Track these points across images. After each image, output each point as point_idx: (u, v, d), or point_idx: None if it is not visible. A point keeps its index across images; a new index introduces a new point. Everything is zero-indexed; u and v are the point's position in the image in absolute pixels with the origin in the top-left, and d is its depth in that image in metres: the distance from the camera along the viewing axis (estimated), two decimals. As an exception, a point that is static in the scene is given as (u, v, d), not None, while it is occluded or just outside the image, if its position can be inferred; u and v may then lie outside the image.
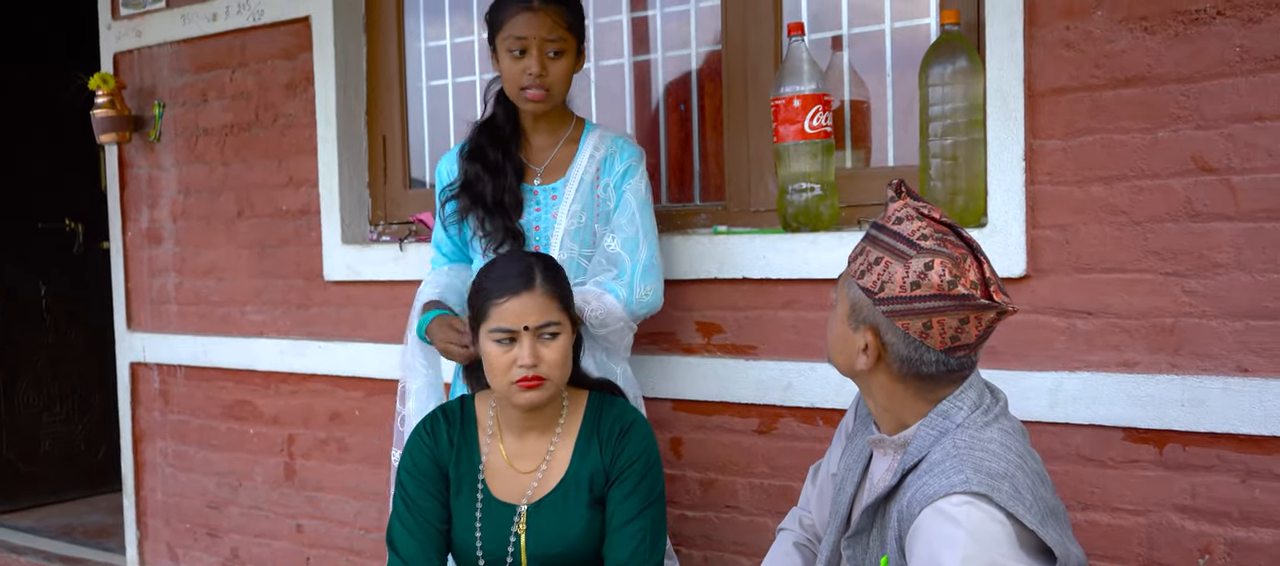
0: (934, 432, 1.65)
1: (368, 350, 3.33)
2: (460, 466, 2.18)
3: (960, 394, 1.67)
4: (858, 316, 1.67)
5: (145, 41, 3.83)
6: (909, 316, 1.60)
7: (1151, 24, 2.15)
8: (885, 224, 1.66)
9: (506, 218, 2.45)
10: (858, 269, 1.67)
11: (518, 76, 2.42)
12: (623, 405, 2.22)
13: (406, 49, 3.38)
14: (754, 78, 2.71)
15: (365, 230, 3.42)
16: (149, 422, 4.02)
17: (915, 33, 2.59)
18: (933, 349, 1.61)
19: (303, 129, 3.45)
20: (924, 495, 1.57)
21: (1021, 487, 1.57)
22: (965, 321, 1.59)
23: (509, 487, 2.16)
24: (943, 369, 1.63)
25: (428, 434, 2.21)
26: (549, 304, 2.08)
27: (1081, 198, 2.23)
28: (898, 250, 1.62)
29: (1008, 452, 1.61)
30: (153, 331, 3.95)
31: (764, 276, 2.59)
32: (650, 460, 2.15)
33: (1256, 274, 2.08)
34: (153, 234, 3.92)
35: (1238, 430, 2.10)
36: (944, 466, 1.58)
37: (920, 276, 1.58)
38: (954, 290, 1.57)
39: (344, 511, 3.48)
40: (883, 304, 1.62)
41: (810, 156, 2.48)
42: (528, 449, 2.17)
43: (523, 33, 2.39)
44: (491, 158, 2.50)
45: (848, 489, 1.81)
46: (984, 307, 1.58)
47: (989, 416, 1.66)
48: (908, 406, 1.69)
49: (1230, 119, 2.09)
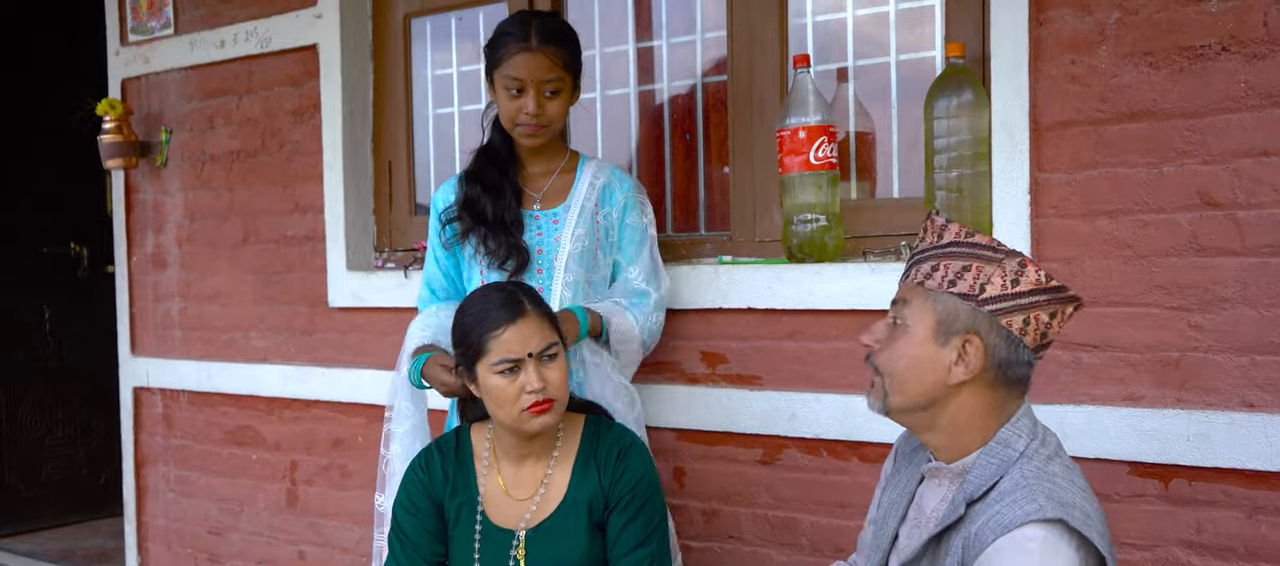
0: (995, 461, 1.66)
1: (371, 376, 3.33)
2: (457, 496, 2.18)
3: (1016, 421, 1.69)
4: (950, 327, 1.66)
5: (153, 68, 3.85)
6: (1013, 313, 1.64)
7: (1157, 59, 2.16)
8: (957, 239, 1.69)
9: (509, 234, 2.47)
10: (944, 280, 1.67)
11: (514, 114, 2.45)
12: (619, 429, 2.21)
13: (413, 77, 3.39)
14: (759, 108, 2.72)
15: (370, 257, 3.43)
16: (151, 447, 4.01)
17: (920, 65, 2.60)
18: (1026, 348, 1.66)
19: (309, 156, 3.46)
20: (998, 523, 1.58)
21: (1091, 516, 1.60)
22: (1054, 315, 1.66)
23: (507, 514, 2.15)
24: (1027, 369, 1.68)
25: (422, 470, 2.20)
26: (543, 325, 2.09)
27: (1087, 231, 2.23)
28: (986, 256, 1.66)
29: (1073, 485, 1.64)
30: (156, 356, 3.95)
31: (769, 307, 2.59)
32: (651, 484, 2.14)
33: (1262, 309, 2.08)
34: (158, 259, 3.93)
35: (1243, 465, 2.09)
36: (1015, 495, 1.60)
37: (1019, 274, 1.64)
38: (1050, 283, 1.64)
39: (346, 538, 3.47)
40: (988, 304, 1.64)
41: (815, 187, 2.49)
42: (525, 475, 2.17)
43: (520, 74, 2.41)
44: (490, 179, 2.52)
45: (891, 522, 1.81)
46: (1070, 299, 1.66)
47: (1048, 449, 1.69)
48: (980, 425, 1.69)
49: (1235, 154, 2.09)
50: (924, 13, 2.58)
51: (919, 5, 2.59)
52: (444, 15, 3.33)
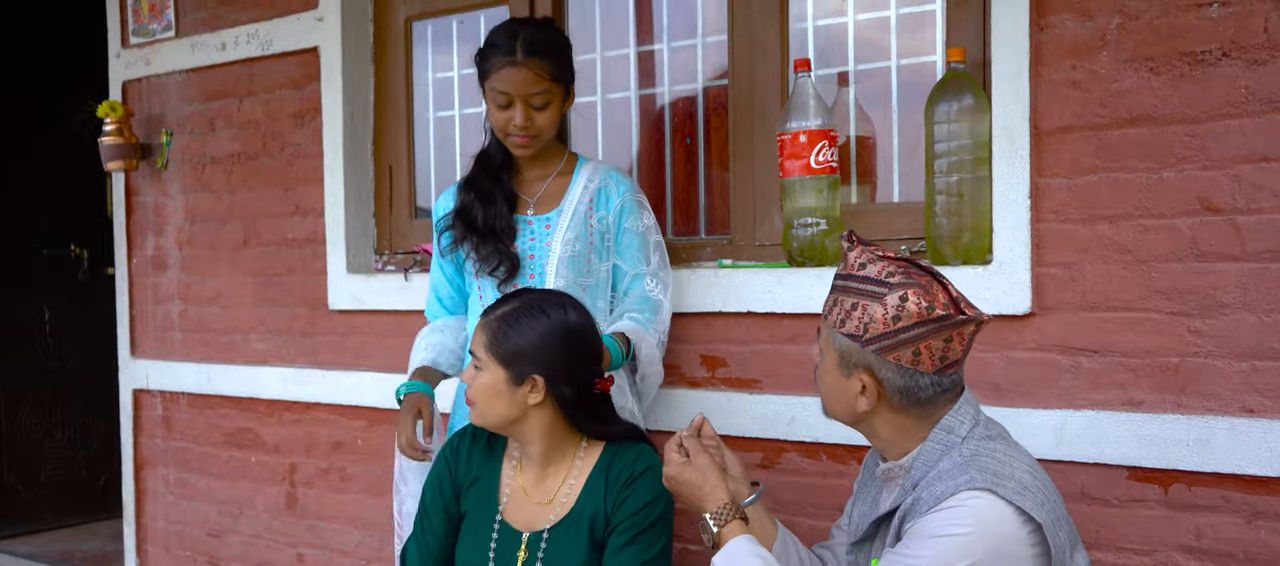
0: (938, 446, 1.74)
1: (371, 379, 3.33)
2: (477, 486, 2.20)
3: (959, 409, 1.75)
4: (848, 363, 1.75)
5: (154, 70, 3.85)
6: (898, 348, 1.69)
7: (1157, 65, 2.16)
8: (851, 272, 1.75)
9: (499, 241, 2.48)
10: (837, 319, 1.75)
11: (504, 125, 2.45)
12: (639, 451, 2.16)
13: (414, 80, 3.40)
14: (760, 112, 2.72)
15: (371, 259, 3.43)
16: (151, 449, 4.01)
17: (921, 70, 2.60)
18: (925, 373, 1.70)
19: (310, 158, 3.46)
20: (933, 495, 1.65)
21: (1029, 487, 1.64)
22: (949, 340, 1.69)
23: (518, 515, 2.16)
24: (937, 390, 1.72)
25: (452, 452, 2.25)
26: None
27: (1087, 236, 2.24)
28: (870, 292, 1.71)
29: (1012, 459, 1.69)
30: (156, 358, 3.95)
31: (769, 310, 2.59)
32: (655, 514, 2.08)
33: (1262, 314, 2.08)
34: (158, 261, 3.93)
35: (1243, 471, 2.09)
36: (949, 472, 1.68)
37: (899, 309, 1.68)
38: (933, 314, 1.67)
39: (345, 541, 3.47)
40: (871, 343, 1.70)
41: (816, 191, 2.49)
42: (544, 481, 2.17)
43: (506, 87, 2.41)
44: (484, 186, 2.53)
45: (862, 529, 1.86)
46: (963, 322, 1.69)
47: (991, 431, 1.75)
48: (911, 433, 1.77)
49: (1236, 160, 2.09)
50: (925, 17, 2.59)
51: (920, 10, 2.59)
52: (445, 18, 3.33)
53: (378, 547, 3.38)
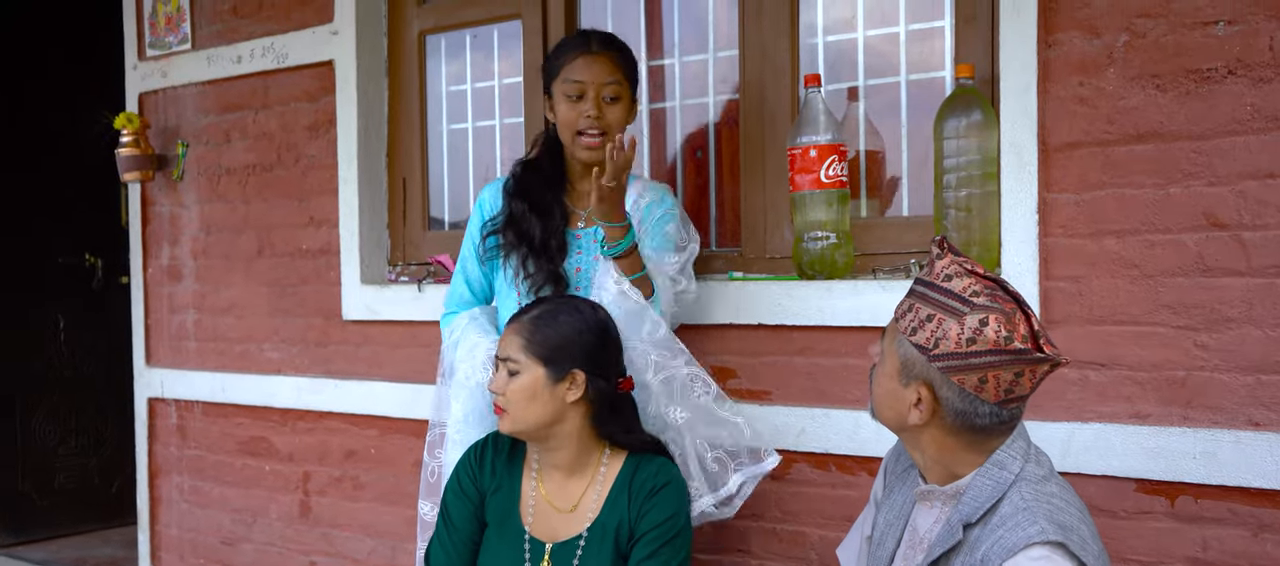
0: (990, 483, 1.67)
1: (385, 389, 3.35)
2: (500, 494, 2.22)
3: (1011, 443, 1.69)
4: (909, 373, 1.68)
5: (170, 82, 3.89)
6: (965, 372, 1.62)
7: (1164, 82, 2.19)
8: (934, 281, 1.67)
9: (551, 261, 2.45)
10: (908, 326, 1.68)
11: (574, 120, 2.44)
12: (662, 463, 2.19)
13: (428, 93, 3.43)
14: (771, 127, 2.75)
15: (384, 270, 3.46)
16: (165, 457, 4.04)
17: (930, 85, 2.62)
18: (987, 402, 1.63)
19: (324, 170, 3.49)
20: (1003, 547, 1.59)
21: (1087, 539, 1.61)
22: (1020, 375, 1.62)
23: (542, 526, 2.18)
24: (995, 420, 1.65)
25: (476, 459, 2.26)
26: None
27: (1094, 251, 2.26)
28: (950, 307, 1.64)
29: (1070, 507, 1.65)
30: (171, 367, 3.98)
31: (779, 323, 2.62)
32: (678, 525, 2.13)
33: (1267, 329, 2.10)
34: (173, 271, 3.96)
35: (1249, 484, 2.11)
36: (1017, 519, 1.61)
37: (976, 333, 1.60)
38: (1010, 346, 1.59)
39: (358, 549, 3.49)
40: (938, 360, 1.63)
41: (826, 205, 2.51)
42: (566, 492, 2.20)
43: (581, 76, 2.42)
44: (539, 197, 2.49)
45: (888, 545, 1.83)
46: (1039, 361, 1.61)
47: (1042, 469, 1.70)
48: (960, 457, 1.71)
49: (1241, 176, 2.12)
50: (934, 33, 2.62)
51: (929, 26, 2.62)
52: (459, 32, 3.37)
53: (391, 555, 3.40)
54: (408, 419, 3.30)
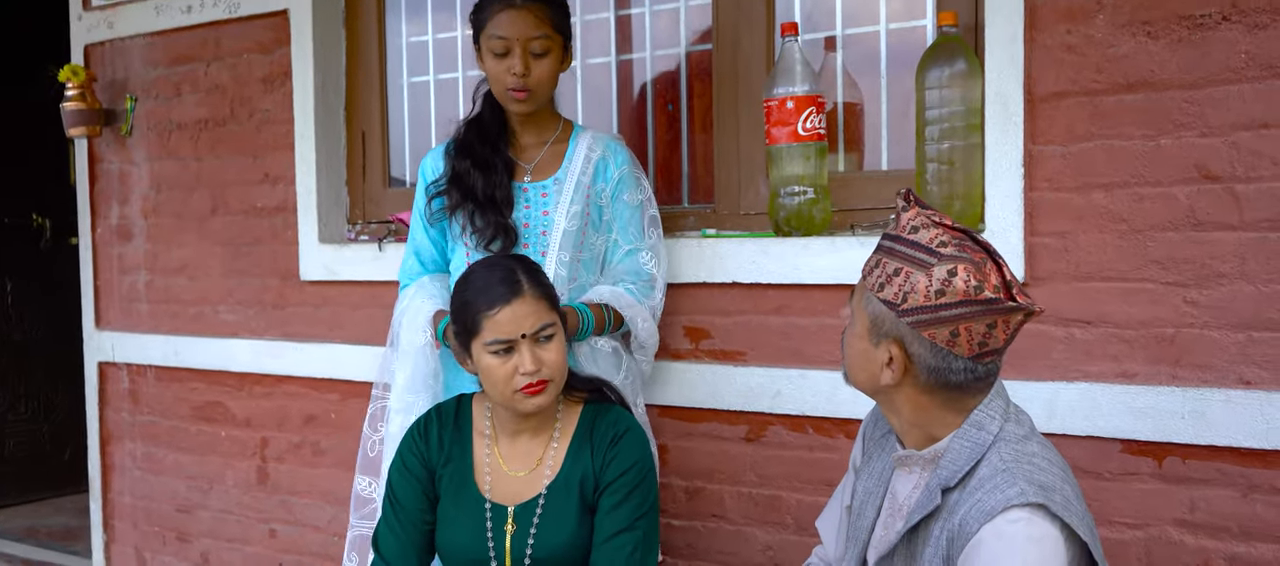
0: (968, 445, 1.62)
1: (345, 352, 3.25)
2: (451, 465, 2.15)
3: (989, 402, 1.64)
4: (879, 331, 1.63)
5: (117, 33, 3.74)
6: (936, 325, 1.56)
7: (1155, 28, 2.11)
8: (900, 234, 1.62)
9: (498, 213, 2.39)
10: (876, 282, 1.63)
11: (501, 76, 2.36)
12: (618, 412, 2.16)
13: (387, 44, 3.31)
14: (745, 78, 2.66)
15: (343, 229, 3.34)
16: (117, 423, 3.92)
17: (911, 34, 2.54)
18: (961, 357, 1.58)
19: (279, 124, 3.37)
20: (981, 511, 1.54)
21: (1071, 499, 1.56)
22: (993, 326, 1.56)
23: (501, 489, 2.12)
24: (971, 376, 1.60)
25: (420, 436, 2.18)
26: (540, 305, 2.04)
27: (1081, 204, 2.19)
28: (917, 259, 1.58)
29: (1052, 467, 1.60)
30: (122, 330, 3.85)
31: (754, 281, 2.54)
32: (643, 470, 2.10)
33: (1260, 284, 2.04)
34: (123, 230, 3.83)
35: (1239, 444, 2.06)
36: (996, 481, 1.56)
37: (945, 284, 1.55)
38: (980, 295, 1.54)
39: (318, 516, 3.40)
40: (908, 315, 1.58)
41: (803, 159, 2.43)
42: (522, 452, 2.13)
43: (505, 32, 2.32)
44: (481, 153, 2.43)
45: (868, 513, 1.77)
46: (1011, 310, 1.55)
47: (1023, 428, 1.65)
48: (937, 418, 1.65)
49: (1235, 126, 2.05)
50: (914, -20, 2.53)
51: (909, -27, 2.54)
52: (419, -19, 3.25)
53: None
54: (369, 382, 3.14)
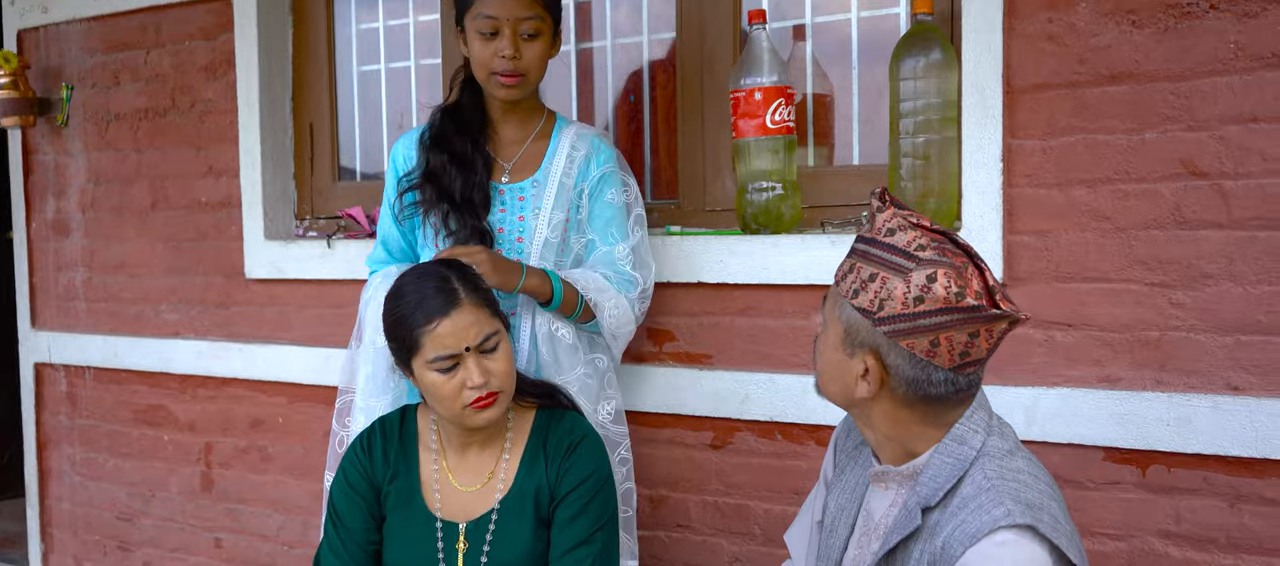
0: (950, 461, 1.52)
1: (292, 353, 3.12)
2: (397, 481, 2.03)
3: (971, 415, 1.54)
4: (854, 340, 1.52)
5: (52, 18, 3.57)
6: (915, 335, 1.46)
7: (1140, 17, 2.03)
8: (876, 237, 1.52)
9: (475, 216, 2.24)
10: (850, 288, 1.53)
11: (489, 60, 2.21)
12: (573, 419, 2.05)
13: (336, 32, 3.17)
14: (711, 68, 2.55)
15: (290, 225, 3.20)
16: (55, 427, 3.76)
17: (884, 23, 2.44)
18: (941, 368, 1.48)
19: (223, 115, 3.22)
20: (966, 533, 1.44)
21: (1058, 518, 1.47)
22: (975, 335, 1.46)
23: (451, 506, 2.01)
24: (951, 388, 1.50)
25: (363, 451, 2.05)
26: (481, 314, 1.91)
27: (1062, 202, 2.10)
28: (894, 264, 1.48)
29: (1038, 483, 1.50)
30: (59, 330, 3.69)
31: (721, 281, 2.43)
32: (600, 479, 1.99)
33: (1248, 286, 1.96)
34: (59, 225, 3.67)
35: (1226, 452, 1.98)
36: (980, 500, 1.46)
37: (924, 290, 1.44)
38: (962, 302, 1.43)
39: (266, 525, 3.26)
40: (884, 324, 1.48)
41: (772, 153, 2.33)
42: (472, 465, 2.02)
43: (494, 11, 2.18)
44: (459, 148, 2.28)
45: (841, 531, 1.67)
46: (995, 318, 1.45)
47: (1007, 443, 1.55)
48: (916, 433, 1.55)
49: (1223, 120, 1.97)
50: (887, -33, 2.43)
51: (882, -42, 2.43)
52: (369, -35, 3.11)
53: (301, 532, 3.18)
54: (318, 385, 3.07)
